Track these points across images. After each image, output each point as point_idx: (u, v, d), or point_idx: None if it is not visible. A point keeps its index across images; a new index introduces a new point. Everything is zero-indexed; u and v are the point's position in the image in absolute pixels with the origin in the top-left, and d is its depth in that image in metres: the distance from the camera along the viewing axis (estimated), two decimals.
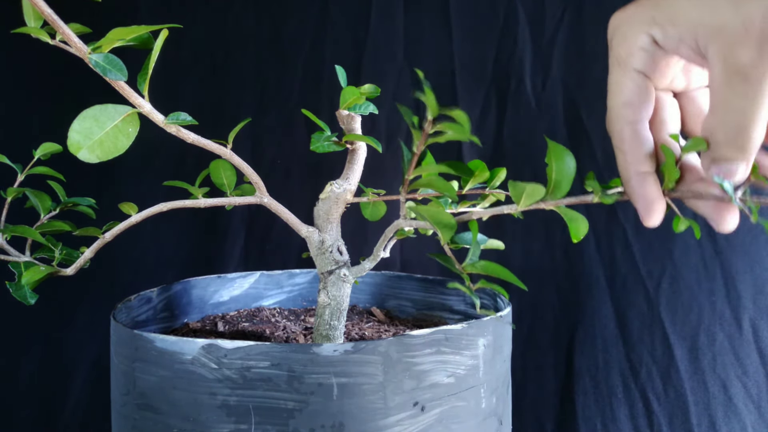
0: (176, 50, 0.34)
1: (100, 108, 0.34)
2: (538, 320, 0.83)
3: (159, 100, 0.38)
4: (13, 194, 0.50)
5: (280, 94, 0.87)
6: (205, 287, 0.65)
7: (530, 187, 0.33)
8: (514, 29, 0.84)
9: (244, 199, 0.46)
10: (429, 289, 0.68)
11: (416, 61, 0.86)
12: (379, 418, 0.39)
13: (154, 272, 0.87)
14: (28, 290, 0.46)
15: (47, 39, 0.34)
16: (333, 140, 0.47)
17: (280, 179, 0.86)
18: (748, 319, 0.78)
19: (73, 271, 0.47)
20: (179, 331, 0.60)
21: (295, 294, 0.71)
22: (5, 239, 0.48)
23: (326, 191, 0.47)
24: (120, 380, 0.44)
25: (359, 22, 0.86)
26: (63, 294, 0.81)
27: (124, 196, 0.48)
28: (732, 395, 0.78)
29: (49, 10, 0.32)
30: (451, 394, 0.42)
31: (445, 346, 0.42)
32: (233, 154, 0.41)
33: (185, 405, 0.40)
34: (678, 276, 0.79)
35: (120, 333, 0.44)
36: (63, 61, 0.39)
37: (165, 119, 0.37)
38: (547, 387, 0.83)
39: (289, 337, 0.56)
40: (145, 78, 0.36)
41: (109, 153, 0.34)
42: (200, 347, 0.39)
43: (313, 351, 0.38)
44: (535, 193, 0.33)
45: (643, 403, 0.80)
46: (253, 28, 0.87)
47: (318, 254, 0.48)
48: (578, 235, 0.34)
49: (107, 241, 0.45)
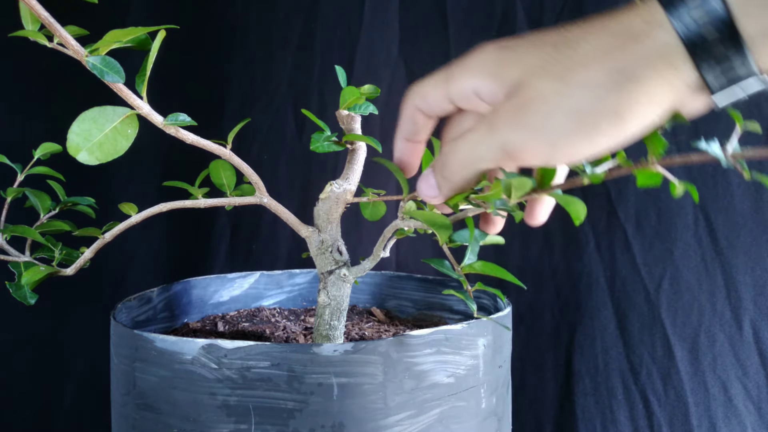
0: (164, 46, 0.34)
1: (98, 110, 0.34)
2: (537, 321, 0.83)
3: (149, 98, 0.38)
4: (13, 194, 0.50)
5: (267, 90, 0.86)
6: (205, 287, 0.65)
7: (516, 180, 0.33)
8: (513, 25, 0.83)
9: (244, 199, 0.46)
10: (429, 289, 0.68)
11: (411, 56, 0.85)
12: (379, 418, 0.39)
13: (147, 272, 0.87)
14: (28, 290, 0.46)
15: (45, 42, 0.34)
16: (333, 140, 0.47)
17: (267, 176, 0.86)
18: (749, 320, 0.77)
19: (73, 271, 0.47)
20: (179, 331, 0.60)
21: (295, 294, 0.71)
22: (5, 239, 0.48)
23: (326, 191, 0.47)
24: (120, 380, 0.44)
25: (352, 16, 0.85)
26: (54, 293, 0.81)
27: (122, 196, 0.48)
28: (732, 396, 0.78)
29: (46, 14, 0.32)
30: (451, 394, 0.42)
31: (445, 346, 0.42)
32: (233, 154, 0.41)
33: (185, 405, 0.40)
34: (678, 277, 0.79)
35: (120, 333, 0.44)
36: (63, 60, 0.39)
37: (164, 120, 0.37)
38: (547, 388, 0.83)
39: (289, 337, 0.56)
40: (143, 79, 0.36)
41: (109, 155, 0.34)
42: (200, 347, 0.39)
43: (313, 351, 0.38)
44: (522, 185, 0.33)
45: (643, 404, 0.80)
46: (242, 20, 0.86)
47: (318, 254, 0.48)
48: (579, 217, 0.34)
49: (107, 241, 0.45)
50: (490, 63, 0.32)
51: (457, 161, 0.33)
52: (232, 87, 0.87)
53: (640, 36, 0.27)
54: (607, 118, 0.28)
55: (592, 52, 0.28)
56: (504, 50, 0.32)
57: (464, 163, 0.33)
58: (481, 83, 0.33)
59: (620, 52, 0.28)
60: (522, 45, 0.31)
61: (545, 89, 0.29)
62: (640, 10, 0.28)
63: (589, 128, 0.28)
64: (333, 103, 0.83)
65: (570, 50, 0.29)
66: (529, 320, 0.83)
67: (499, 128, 0.31)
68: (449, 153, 0.34)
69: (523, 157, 0.31)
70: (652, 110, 0.28)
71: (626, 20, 0.28)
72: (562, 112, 0.28)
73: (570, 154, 0.29)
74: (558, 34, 0.31)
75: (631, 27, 0.28)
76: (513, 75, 0.31)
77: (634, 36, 0.28)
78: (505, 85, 0.31)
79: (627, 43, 0.28)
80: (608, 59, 0.28)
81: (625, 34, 0.28)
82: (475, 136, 0.32)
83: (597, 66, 0.28)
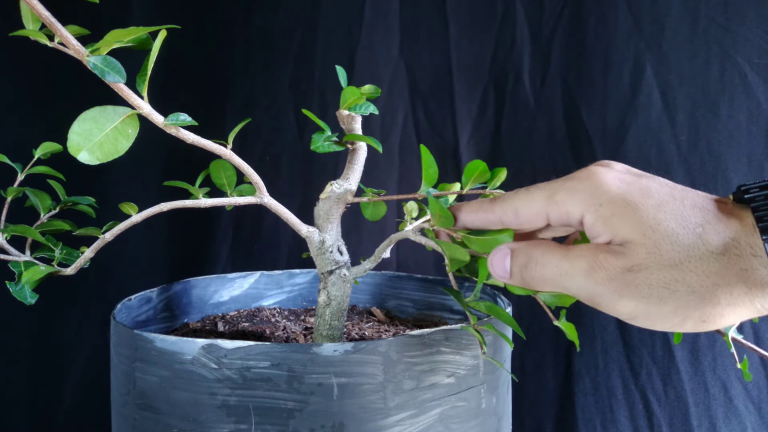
0: (165, 46, 0.34)
1: (99, 110, 0.34)
2: (537, 321, 0.83)
3: (150, 98, 0.38)
4: (13, 194, 0.50)
5: (268, 90, 0.86)
6: (205, 287, 0.65)
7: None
8: (513, 25, 0.83)
9: (244, 199, 0.46)
10: (429, 289, 0.68)
11: (411, 57, 0.85)
12: (380, 418, 0.39)
13: (147, 272, 0.87)
14: (28, 290, 0.46)
15: (45, 41, 0.34)
16: (333, 140, 0.47)
17: (268, 176, 0.86)
18: (749, 320, 0.77)
19: (73, 270, 0.47)
20: (179, 331, 0.60)
21: (295, 294, 0.71)
22: (5, 239, 0.48)
23: (326, 191, 0.47)
24: (120, 380, 0.44)
25: (353, 17, 0.85)
26: (55, 293, 0.81)
27: (121, 195, 0.48)
28: (732, 396, 0.78)
29: (47, 13, 0.32)
30: (451, 394, 0.42)
31: (445, 346, 0.42)
32: (233, 154, 0.41)
33: (185, 405, 0.40)
34: None
35: (120, 333, 0.44)
36: (64, 60, 0.39)
37: (165, 120, 0.37)
38: (547, 388, 0.83)
39: (289, 337, 0.56)
40: (144, 79, 0.36)
41: (109, 155, 0.34)
42: (200, 347, 0.39)
43: (313, 351, 0.38)
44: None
45: (643, 404, 0.80)
46: (243, 20, 0.86)
47: (318, 254, 0.48)
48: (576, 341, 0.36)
49: (107, 241, 0.45)
50: (606, 207, 0.32)
51: (543, 271, 0.33)
52: (234, 87, 0.87)
53: (744, 262, 0.30)
54: (694, 320, 0.31)
55: (707, 267, 0.30)
56: (624, 200, 0.31)
57: (549, 278, 0.33)
58: (589, 219, 0.32)
59: (725, 273, 0.30)
60: (646, 204, 0.31)
61: (656, 276, 0.30)
62: (750, 238, 0.30)
63: (675, 321, 0.31)
64: (334, 103, 0.83)
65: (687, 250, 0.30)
66: (529, 320, 0.83)
67: (598, 280, 0.31)
68: (539, 257, 0.33)
69: (607, 309, 0.32)
70: (731, 322, 0.31)
71: (738, 240, 0.30)
72: (661, 301, 0.30)
73: (648, 325, 0.32)
74: (680, 207, 0.31)
75: (740, 251, 0.30)
76: (629, 235, 0.31)
77: (739, 260, 0.30)
78: (614, 236, 0.31)
79: (733, 266, 0.30)
80: (715, 276, 0.30)
81: (732, 255, 0.30)
82: (573, 263, 0.32)
83: (707, 281, 0.30)
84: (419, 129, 0.86)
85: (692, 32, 0.78)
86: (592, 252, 0.32)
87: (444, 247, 0.37)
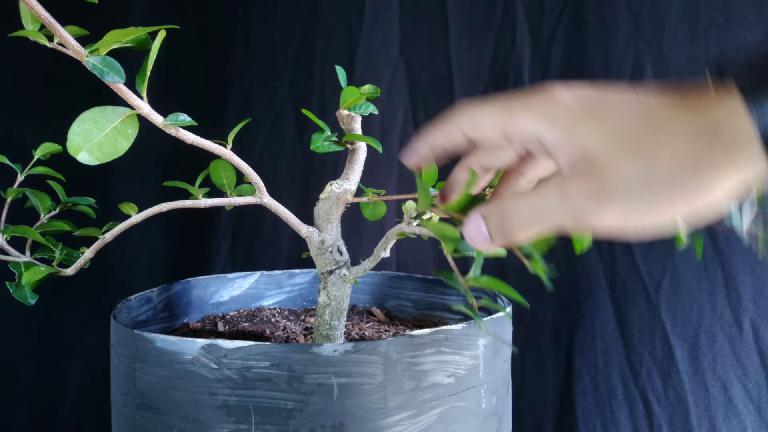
0: (165, 46, 0.34)
1: (99, 110, 0.34)
2: (537, 321, 0.83)
3: (149, 98, 0.38)
4: (13, 194, 0.50)
5: (268, 90, 0.86)
6: (205, 287, 0.65)
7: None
8: (513, 24, 0.83)
9: (244, 199, 0.46)
10: (429, 289, 0.68)
11: (411, 57, 0.85)
12: (379, 418, 0.39)
13: (147, 272, 0.87)
14: (28, 290, 0.46)
15: (45, 42, 0.34)
16: (333, 140, 0.47)
17: (268, 176, 0.86)
18: (749, 320, 0.77)
19: (73, 271, 0.47)
20: (179, 331, 0.60)
21: (295, 294, 0.71)
22: (5, 239, 0.48)
23: (326, 191, 0.47)
24: (120, 380, 0.44)
25: (353, 16, 0.85)
26: (55, 293, 0.81)
27: (121, 196, 0.48)
28: (732, 396, 0.78)
29: (46, 13, 0.32)
30: (451, 394, 0.42)
31: (446, 347, 0.42)
32: (233, 154, 0.41)
33: (185, 405, 0.40)
34: (678, 277, 0.79)
35: (120, 333, 0.44)
36: (64, 60, 0.39)
37: (164, 120, 0.37)
38: (547, 388, 0.83)
39: (289, 337, 0.56)
40: (144, 79, 0.36)
41: (109, 155, 0.34)
42: (200, 347, 0.39)
43: (313, 351, 0.38)
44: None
45: (643, 404, 0.80)
46: (243, 20, 0.86)
47: (318, 254, 0.48)
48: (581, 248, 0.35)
49: (107, 241, 0.45)
50: (565, 118, 0.32)
51: (520, 218, 0.33)
52: (233, 87, 0.87)
53: (723, 128, 0.29)
54: (683, 200, 0.30)
55: (676, 138, 0.30)
56: (582, 109, 0.32)
57: (527, 221, 0.33)
58: (550, 135, 0.32)
59: (703, 140, 0.30)
60: (603, 111, 0.31)
61: (628, 170, 0.30)
62: (725, 99, 0.30)
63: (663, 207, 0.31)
64: (334, 103, 0.83)
65: (653, 131, 0.30)
66: (529, 320, 0.83)
67: (573, 197, 0.31)
68: (511, 208, 0.33)
69: (593, 225, 0.32)
70: (722, 194, 0.30)
71: (711, 108, 0.30)
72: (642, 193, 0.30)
73: (639, 226, 0.32)
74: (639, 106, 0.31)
75: (715, 118, 0.30)
76: (591, 144, 0.31)
77: (717, 126, 0.30)
78: (580, 149, 0.31)
79: (710, 131, 0.30)
80: (691, 146, 0.30)
81: (709, 124, 0.30)
82: (544, 198, 0.32)
83: (680, 152, 0.30)
84: (419, 129, 0.86)
85: (692, 33, 0.78)
86: (558, 179, 0.32)
87: (432, 228, 0.37)
